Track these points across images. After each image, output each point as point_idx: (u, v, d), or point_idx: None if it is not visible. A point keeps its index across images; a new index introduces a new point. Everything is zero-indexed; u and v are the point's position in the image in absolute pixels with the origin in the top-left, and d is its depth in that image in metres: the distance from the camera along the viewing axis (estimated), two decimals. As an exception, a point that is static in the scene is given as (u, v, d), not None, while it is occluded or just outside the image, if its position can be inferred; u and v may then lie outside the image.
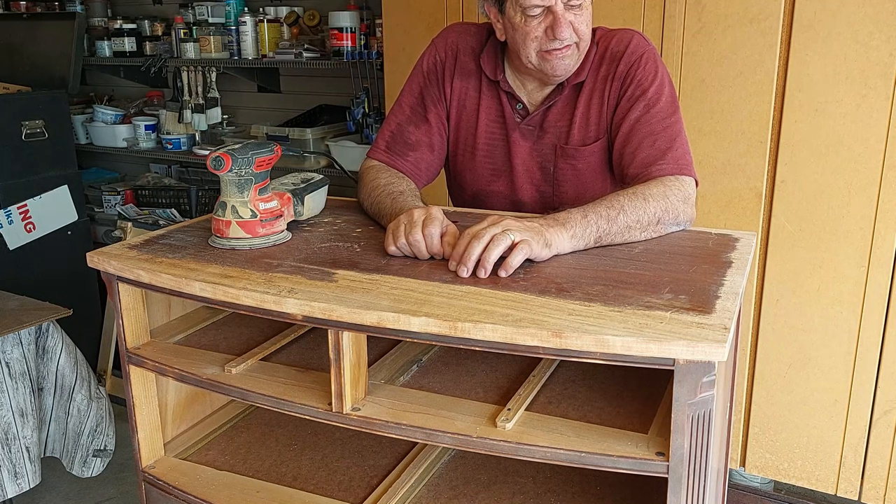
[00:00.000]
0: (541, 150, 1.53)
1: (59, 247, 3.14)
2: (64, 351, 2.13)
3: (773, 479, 2.30)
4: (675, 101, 1.46)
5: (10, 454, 2.00)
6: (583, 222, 1.22)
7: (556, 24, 1.37)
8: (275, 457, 1.39)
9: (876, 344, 2.04)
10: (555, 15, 1.37)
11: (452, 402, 1.14)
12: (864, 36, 1.90)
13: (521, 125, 1.53)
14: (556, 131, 1.52)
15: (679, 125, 1.43)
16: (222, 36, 3.43)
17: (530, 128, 1.53)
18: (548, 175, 1.54)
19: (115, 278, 1.27)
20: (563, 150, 1.51)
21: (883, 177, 1.95)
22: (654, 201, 1.29)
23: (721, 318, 0.96)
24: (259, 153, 1.27)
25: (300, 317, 1.07)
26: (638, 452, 0.98)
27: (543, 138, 1.53)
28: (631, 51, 1.46)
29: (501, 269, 1.12)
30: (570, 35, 1.39)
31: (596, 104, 1.48)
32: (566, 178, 1.53)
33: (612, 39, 1.49)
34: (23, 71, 3.35)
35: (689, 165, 1.40)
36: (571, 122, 1.50)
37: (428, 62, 1.58)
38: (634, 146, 1.41)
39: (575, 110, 1.50)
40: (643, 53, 1.46)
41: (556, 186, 1.54)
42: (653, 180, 1.35)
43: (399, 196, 1.40)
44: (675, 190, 1.33)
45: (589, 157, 1.50)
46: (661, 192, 1.31)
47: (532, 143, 1.53)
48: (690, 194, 1.36)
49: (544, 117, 1.52)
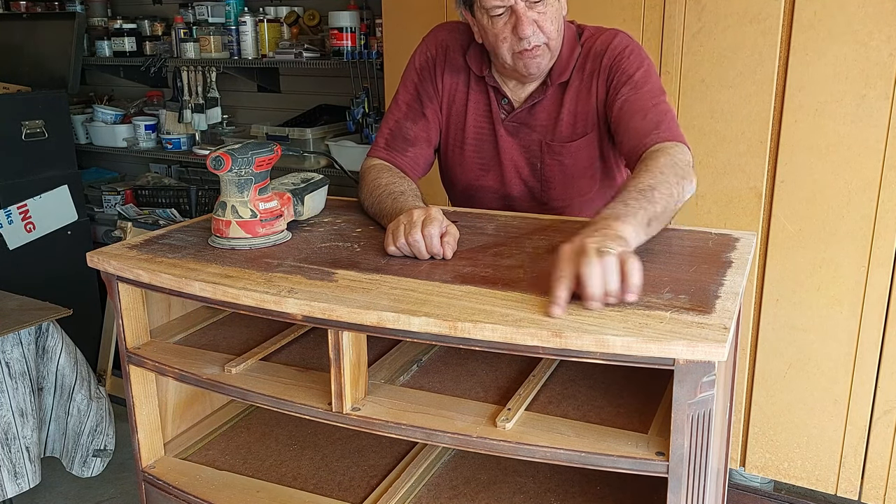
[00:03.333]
0: (527, 146, 1.55)
1: (59, 247, 3.14)
2: (64, 351, 2.13)
3: (773, 479, 2.30)
4: (662, 87, 1.47)
5: (9, 454, 2.00)
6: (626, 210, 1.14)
7: (519, 24, 1.39)
8: (275, 457, 1.39)
9: (876, 344, 2.04)
10: (517, 14, 1.39)
11: (452, 401, 1.14)
12: (864, 36, 1.90)
13: (505, 121, 1.55)
14: (542, 128, 1.54)
15: (669, 106, 1.43)
16: (222, 36, 3.43)
17: (515, 124, 1.55)
18: (535, 170, 1.57)
19: (114, 278, 1.27)
20: (549, 146, 1.53)
21: (883, 177, 1.95)
22: (668, 170, 1.26)
23: (721, 318, 0.96)
24: (259, 153, 1.27)
25: (300, 317, 1.07)
26: (638, 452, 0.98)
27: (530, 134, 1.55)
28: (614, 45, 1.48)
29: (626, 293, 0.99)
30: (534, 33, 1.41)
31: (583, 100, 1.50)
32: (553, 174, 1.55)
33: (598, 39, 1.51)
34: (23, 71, 3.35)
35: (682, 136, 1.39)
36: (557, 119, 1.52)
37: (420, 59, 1.61)
38: (626, 123, 1.42)
39: (561, 108, 1.52)
40: (626, 46, 1.48)
41: (543, 182, 1.57)
42: (654, 151, 1.33)
43: (400, 196, 1.40)
44: (678, 155, 1.32)
45: (575, 152, 1.52)
46: (668, 161, 1.29)
47: (518, 138, 1.56)
48: (689, 158, 1.35)
49: (529, 114, 1.54)
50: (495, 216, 1.48)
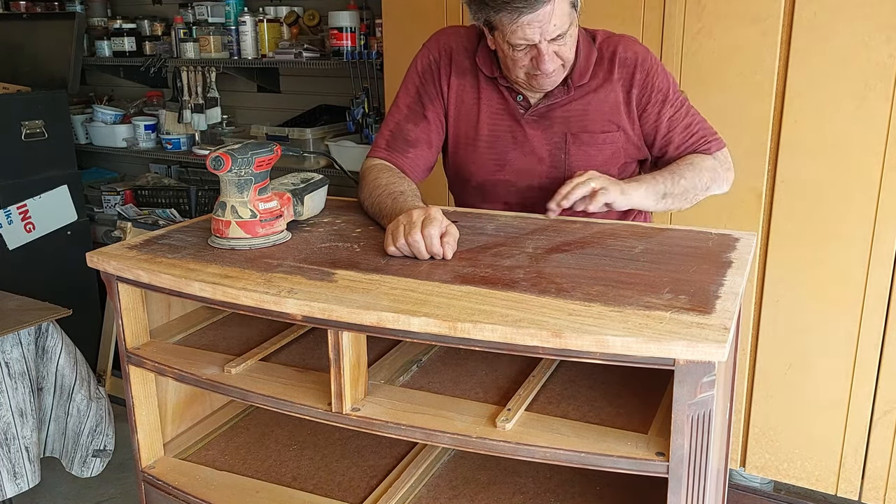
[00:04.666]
0: (550, 139, 1.57)
1: (58, 247, 3.13)
2: (63, 351, 2.13)
3: (773, 479, 2.30)
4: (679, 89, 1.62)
5: (9, 454, 2.00)
6: (651, 181, 1.46)
7: (541, 60, 1.43)
8: (274, 457, 1.39)
9: (876, 344, 2.04)
10: (539, 51, 1.42)
11: (452, 402, 1.13)
12: (864, 36, 1.90)
13: (525, 115, 1.56)
14: (564, 122, 1.55)
15: (693, 108, 1.62)
16: (222, 36, 3.43)
17: (536, 117, 1.56)
18: (558, 162, 1.57)
19: (114, 278, 1.27)
20: (575, 136, 1.55)
21: (883, 177, 1.95)
22: (706, 172, 1.54)
23: (721, 318, 0.96)
24: (259, 153, 1.27)
25: (300, 317, 1.07)
26: (638, 452, 0.98)
27: (552, 127, 1.56)
28: (641, 59, 1.55)
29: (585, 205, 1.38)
30: (554, 64, 1.45)
31: (607, 101, 1.54)
32: (579, 164, 1.56)
33: (619, 45, 1.55)
34: (23, 71, 3.34)
35: (719, 137, 1.61)
36: (580, 115, 1.54)
37: (422, 63, 1.62)
38: (679, 141, 1.58)
39: (583, 105, 1.54)
40: (648, 58, 1.56)
41: (568, 172, 1.56)
42: (704, 155, 1.58)
43: (399, 196, 1.40)
44: (722, 160, 1.59)
45: (601, 145, 1.56)
46: (712, 165, 1.56)
47: (541, 131, 1.57)
48: (731, 161, 1.62)
49: (549, 109, 1.55)
50: (495, 216, 1.48)
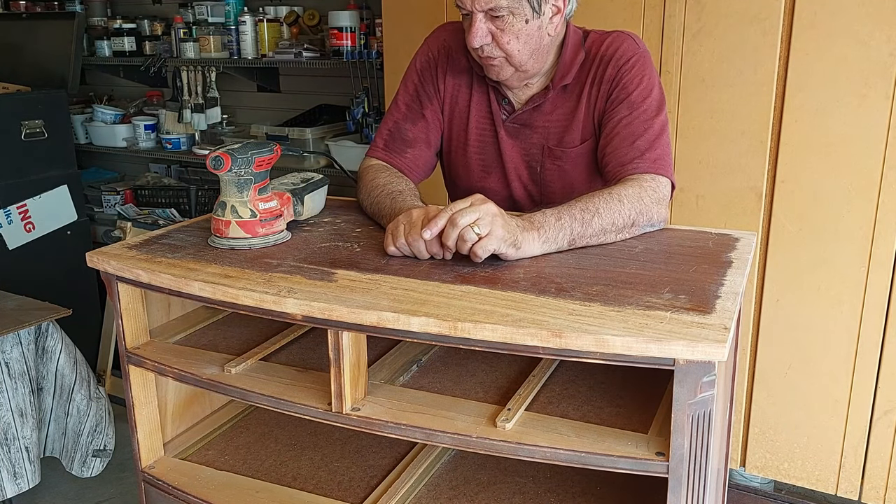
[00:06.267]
0: (528, 150, 1.54)
1: (58, 247, 3.13)
2: (63, 351, 2.13)
3: (773, 479, 2.30)
4: (661, 104, 1.44)
5: (9, 454, 2.00)
6: (556, 226, 1.22)
7: (469, 31, 1.38)
8: (275, 457, 1.39)
9: (876, 344, 2.04)
10: (471, 21, 1.38)
11: (452, 402, 1.13)
12: (864, 36, 1.90)
13: (506, 123, 1.54)
14: (544, 131, 1.52)
15: (662, 127, 1.42)
16: (222, 36, 3.43)
17: (516, 126, 1.53)
18: (535, 174, 1.55)
19: (114, 278, 1.27)
20: (550, 150, 1.51)
21: (883, 177, 1.95)
22: (628, 203, 1.28)
23: (721, 318, 0.96)
24: (259, 153, 1.27)
25: (300, 317, 1.07)
26: (638, 452, 0.98)
27: (531, 137, 1.53)
28: (620, 54, 1.44)
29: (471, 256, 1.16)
30: (484, 43, 1.39)
31: (584, 106, 1.48)
32: (553, 179, 1.53)
33: (603, 43, 1.47)
34: (22, 71, 3.35)
35: (667, 167, 1.39)
36: (559, 123, 1.50)
37: (422, 60, 1.60)
38: (615, 145, 1.41)
39: (563, 112, 1.50)
40: (632, 56, 1.44)
41: (542, 186, 1.55)
42: (628, 180, 1.35)
43: (398, 196, 1.40)
44: (650, 190, 1.33)
45: (576, 158, 1.50)
46: (636, 194, 1.30)
47: (519, 141, 1.54)
48: (665, 195, 1.36)
49: (531, 117, 1.52)
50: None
